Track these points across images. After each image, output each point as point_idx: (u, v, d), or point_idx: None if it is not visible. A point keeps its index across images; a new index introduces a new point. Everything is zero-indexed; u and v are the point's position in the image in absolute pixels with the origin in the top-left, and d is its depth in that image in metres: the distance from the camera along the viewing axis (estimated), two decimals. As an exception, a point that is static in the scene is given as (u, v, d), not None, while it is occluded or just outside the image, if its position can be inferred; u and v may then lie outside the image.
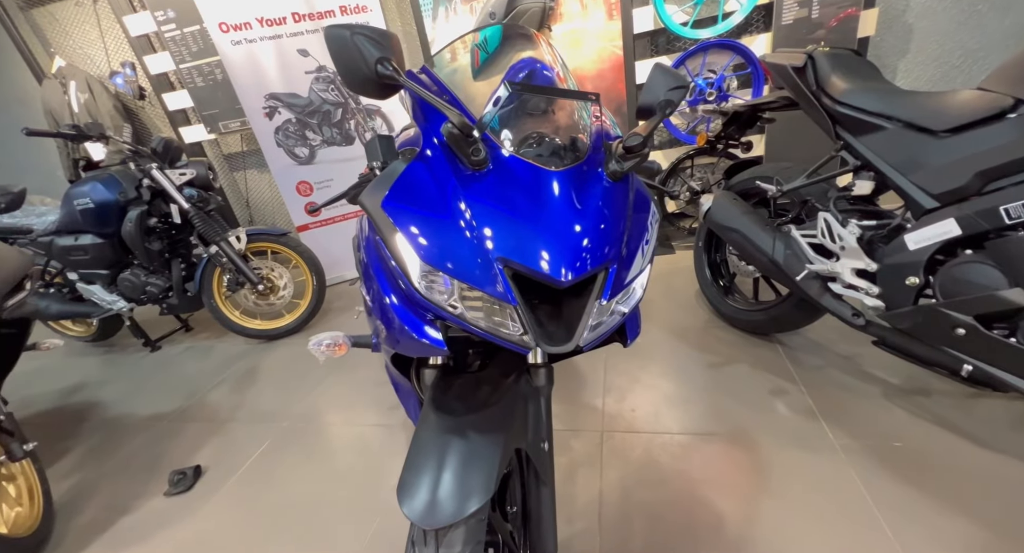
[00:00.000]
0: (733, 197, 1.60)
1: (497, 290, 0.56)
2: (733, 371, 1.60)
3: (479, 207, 0.60)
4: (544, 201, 0.60)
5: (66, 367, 2.64)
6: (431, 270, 0.58)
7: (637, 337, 0.75)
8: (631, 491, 1.21)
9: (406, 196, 0.62)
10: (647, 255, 0.67)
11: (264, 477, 1.49)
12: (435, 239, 0.59)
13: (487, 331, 0.59)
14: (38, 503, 1.43)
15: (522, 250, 0.57)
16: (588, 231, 0.59)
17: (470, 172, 0.63)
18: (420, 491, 0.55)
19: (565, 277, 0.56)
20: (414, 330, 0.65)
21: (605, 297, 0.59)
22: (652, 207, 0.72)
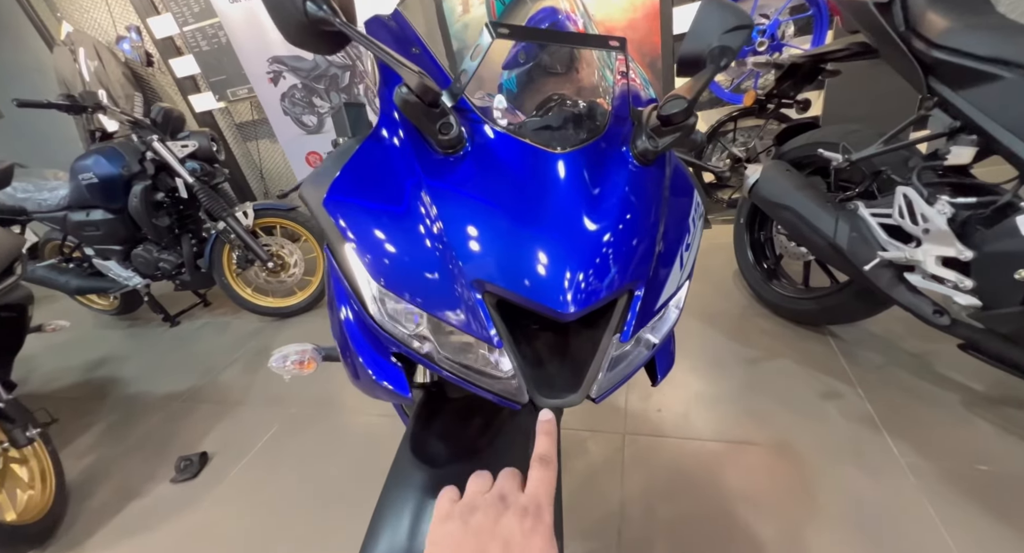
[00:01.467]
0: (786, 168, 1.36)
1: (473, 327, 0.41)
2: (776, 368, 1.42)
3: (449, 208, 0.43)
4: (541, 197, 0.43)
5: (93, 339, 2.69)
6: (388, 294, 0.43)
7: (670, 371, 0.58)
8: (656, 505, 1.08)
9: (355, 189, 0.46)
10: (687, 266, 0.49)
11: (269, 466, 1.44)
12: (391, 252, 0.43)
13: (463, 379, 0.44)
14: (50, 486, 1.43)
15: (507, 271, 0.41)
16: (604, 239, 0.42)
17: (441, 157, 0.46)
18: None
19: (569, 309, 0.40)
20: (372, 367, 0.50)
21: (625, 335, 0.43)
22: (696, 198, 0.53)
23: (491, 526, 0.32)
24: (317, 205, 0.45)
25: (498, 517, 0.32)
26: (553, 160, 0.44)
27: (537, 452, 0.36)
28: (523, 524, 0.31)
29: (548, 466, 0.35)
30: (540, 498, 0.33)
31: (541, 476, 0.35)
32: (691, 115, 0.44)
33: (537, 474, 0.35)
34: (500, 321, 0.41)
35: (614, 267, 0.42)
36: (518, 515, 0.32)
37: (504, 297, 0.41)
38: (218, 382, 1.96)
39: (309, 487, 1.32)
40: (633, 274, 0.43)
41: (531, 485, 0.34)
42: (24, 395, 2.20)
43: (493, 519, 0.32)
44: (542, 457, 0.36)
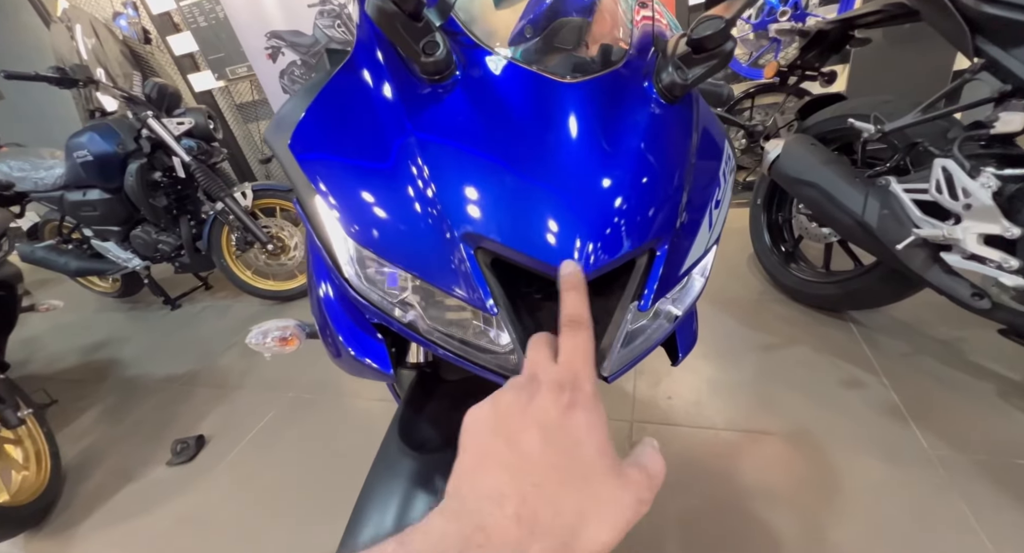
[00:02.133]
0: (810, 141, 1.27)
1: (464, 290, 0.34)
2: (794, 355, 1.35)
3: (434, 147, 0.36)
4: (546, 136, 0.36)
5: (95, 322, 2.67)
6: (365, 251, 0.36)
7: (691, 348, 0.51)
8: (665, 497, 1.02)
9: (325, 130, 0.39)
10: (716, 226, 0.42)
11: (266, 450, 1.40)
12: (367, 202, 0.36)
13: (453, 352, 0.37)
14: (45, 467, 1.40)
15: (505, 223, 0.34)
16: (622, 186, 0.35)
17: (427, 86, 0.38)
18: None
19: (583, 269, 0.33)
20: (352, 343, 0.44)
21: (645, 302, 0.36)
22: (727, 147, 0.46)
23: (521, 410, 0.26)
24: (283, 149, 0.38)
25: (530, 398, 0.26)
26: (561, 91, 0.37)
27: (565, 313, 0.30)
28: (559, 400, 0.26)
29: (580, 328, 0.29)
30: (576, 365, 0.28)
31: (574, 342, 0.29)
32: (728, 39, 0.36)
33: (569, 341, 0.29)
34: (497, 284, 0.34)
35: (634, 221, 0.35)
36: (553, 391, 0.26)
37: (501, 255, 0.34)
38: (217, 365, 1.92)
39: (306, 472, 1.28)
40: (656, 230, 0.36)
41: (564, 354, 0.28)
42: (26, 376, 2.19)
43: (525, 402, 0.26)
44: (572, 318, 0.30)
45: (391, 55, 0.40)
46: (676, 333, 0.48)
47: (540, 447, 0.24)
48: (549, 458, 0.24)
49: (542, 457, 0.24)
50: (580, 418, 0.25)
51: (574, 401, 0.26)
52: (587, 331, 0.29)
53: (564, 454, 0.24)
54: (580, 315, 0.30)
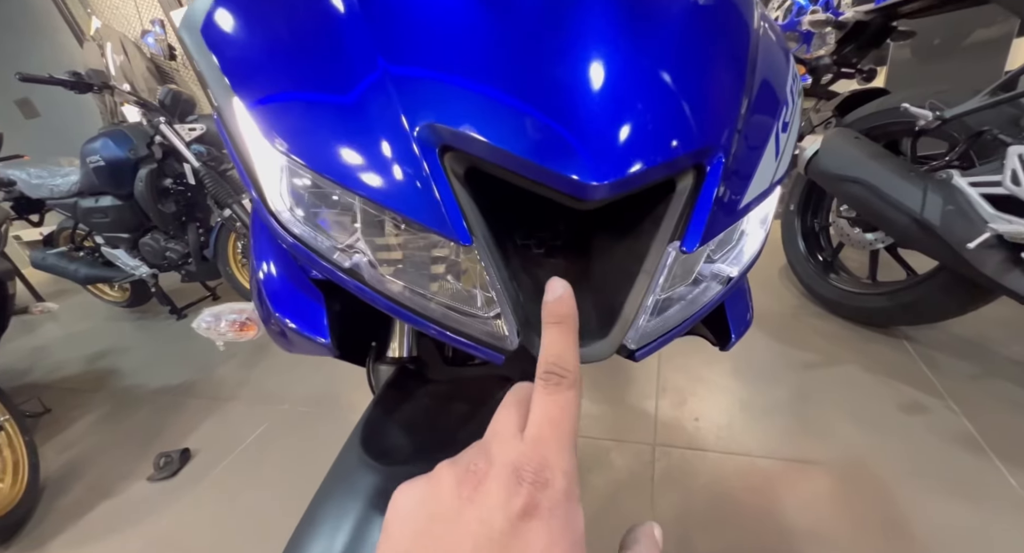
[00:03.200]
0: (854, 135, 1.15)
1: (422, 210, 0.23)
2: (839, 374, 1.19)
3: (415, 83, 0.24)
4: (554, 18, 0.25)
5: (102, 331, 2.64)
6: (296, 163, 0.25)
7: (745, 333, 0.39)
8: (693, 535, 0.87)
9: (255, 18, 0.29)
10: (784, 154, 0.31)
11: (253, 467, 1.29)
12: (299, 101, 0.26)
13: (412, 311, 0.26)
14: (22, 479, 1.32)
15: (482, 110, 0.23)
16: (661, 77, 0.25)
17: None
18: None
19: (596, 178, 0.22)
20: (284, 309, 0.34)
21: (692, 242, 0.24)
22: (792, 61, 0.35)
23: (456, 511, 0.17)
24: (195, 41, 0.29)
25: (474, 491, 0.18)
26: None
27: (544, 359, 0.20)
28: (511, 502, 0.17)
29: (561, 386, 0.19)
30: (547, 447, 0.18)
31: (549, 407, 0.19)
32: None
33: (543, 403, 0.19)
34: (472, 205, 0.23)
35: (678, 118, 0.24)
36: (505, 485, 0.17)
37: (477, 160, 0.23)
38: (213, 376, 1.84)
39: (292, 493, 1.16)
40: (709, 134, 0.25)
41: (533, 425, 0.19)
42: (26, 384, 2.15)
43: (466, 496, 0.18)
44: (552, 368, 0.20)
45: None
46: (726, 307, 0.36)
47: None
48: None
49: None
50: (537, 535, 0.16)
51: (532, 505, 0.17)
52: (572, 391, 0.20)
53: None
54: (565, 364, 0.20)
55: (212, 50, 0.28)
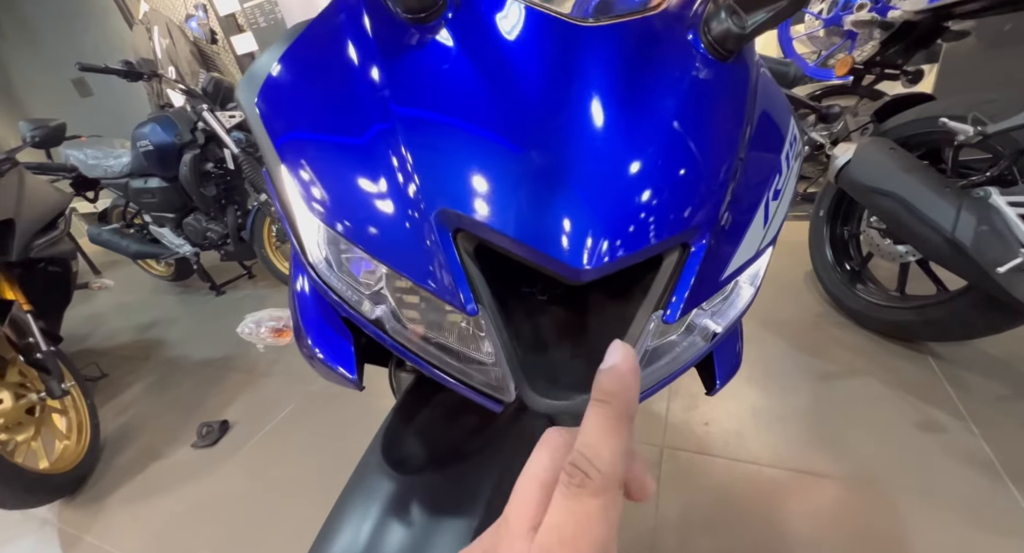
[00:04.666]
0: (889, 145, 1.11)
1: (434, 283, 0.27)
2: (857, 387, 1.18)
3: (411, 104, 0.29)
4: (554, 92, 0.28)
5: (149, 303, 2.84)
6: (335, 237, 0.30)
7: (732, 374, 0.42)
8: (695, 538, 0.91)
9: (296, 88, 0.33)
10: (772, 222, 0.33)
11: (283, 442, 1.40)
12: (338, 178, 0.30)
13: (424, 360, 0.31)
14: (85, 438, 1.46)
15: (490, 200, 0.26)
16: (649, 163, 0.27)
17: (411, 29, 0.31)
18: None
19: (583, 262, 0.25)
20: (319, 342, 0.38)
21: (673, 312, 0.28)
22: (792, 125, 0.37)
23: None
24: (250, 110, 0.33)
25: None
26: (578, 37, 0.29)
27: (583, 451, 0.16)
28: None
29: (595, 487, 0.15)
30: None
31: (571, 507, 0.15)
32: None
33: (562, 501, 0.16)
34: (480, 278, 0.27)
35: (663, 207, 0.27)
36: None
37: (484, 240, 0.27)
38: (249, 352, 1.96)
39: (318, 468, 1.26)
40: (692, 218, 0.28)
41: (546, 524, 0.16)
42: (84, 349, 2.34)
43: None
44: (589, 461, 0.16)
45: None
46: (714, 354, 0.39)
47: None
48: None
49: None
50: None
51: None
52: (598, 499, 0.15)
53: None
54: (599, 460, 0.16)
55: (264, 120, 0.32)
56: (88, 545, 1.17)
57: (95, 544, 1.17)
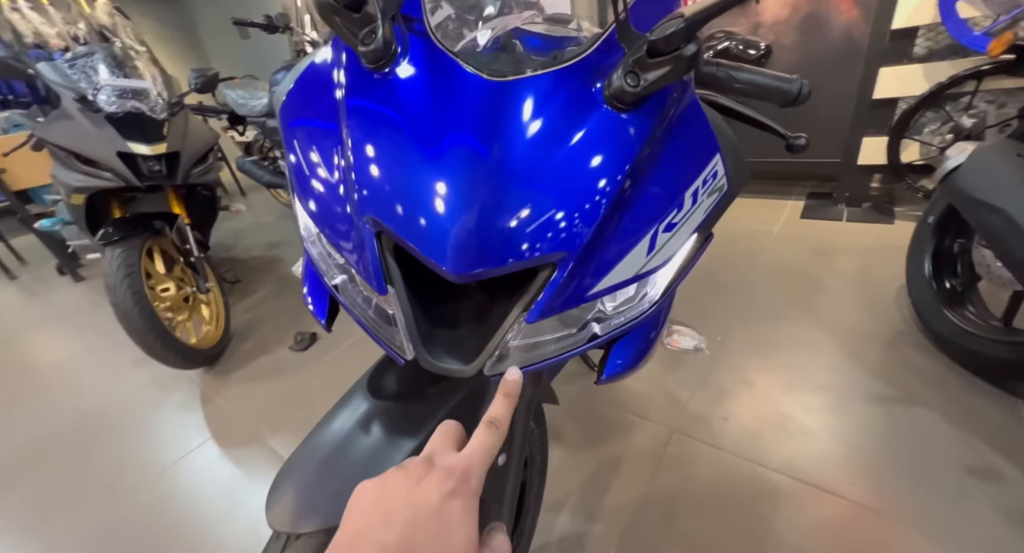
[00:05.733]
0: (1017, 152, 0.92)
1: (362, 266, 0.38)
2: (914, 417, 1.09)
3: (358, 129, 0.39)
4: (459, 133, 0.35)
5: (276, 225, 3.38)
6: (301, 209, 0.42)
7: (623, 373, 0.46)
8: (679, 515, 0.97)
9: (301, 102, 0.44)
10: (661, 250, 0.38)
11: (354, 357, 1.68)
12: (308, 167, 0.41)
13: (362, 320, 0.42)
14: (221, 326, 1.90)
15: (400, 210, 0.35)
16: (524, 193, 0.34)
17: (369, 74, 0.40)
18: (287, 491, 0.45)
19: (455, 269, 0.33)
20: (309, 290, 0.51)
21: (531, 316, 0.35)
22: (716, 165, 0.39)
23: (406, 491, 0.28)
24: (279, 101, 0.45)
25: (419, 479, 0.28)
26: (484, 88, 0.36)
27: (489, 413, 0.32)
28: (443, 486, 0.27)
29: (493, 431, 0.31)
30: (473, 461, 0.29)
31: (482, 439, 0.31)
32: (689, 41, 0.30)
33: (479, 436, 0.31)
34: (394, 264, 0.37)
35: (529, 230, 0.33)
36: (440, 476, 0.28)
37: (395, 240, 0.36)
38: (342, 279, 2.30)
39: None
40: (556, 244, 0.34)
41: (468, 446, 0.31)
42: (227, 258, 2.91)
43: (413, 481, 0.28)
44: (492, 419, 0.32)
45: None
46: (612, 350, 0.44)
47: (413, 529, 0.26)
48: (420, 539, 0.26)
49: (413, 538, 0.26)
50: (457, 507, 0.27)
51: (456, 490, 0.27)
52: (498, 436, 0.31)
53: (435, 538, 0.26)
54: (500, 421, 0.32)
55: (281, 122, 0.44)
56: (216, 404, 1.57)
57: (221, 404, 1.56)
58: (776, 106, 0.46)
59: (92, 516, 1.18)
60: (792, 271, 1.73)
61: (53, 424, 1.57)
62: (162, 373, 1.74)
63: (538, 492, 0.86)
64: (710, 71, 0.45)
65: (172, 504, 1.19)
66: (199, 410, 1.54)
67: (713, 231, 0.43)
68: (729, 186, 0.40)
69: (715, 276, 1.77)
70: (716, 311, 1.57)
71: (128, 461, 1.36)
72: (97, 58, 1.53)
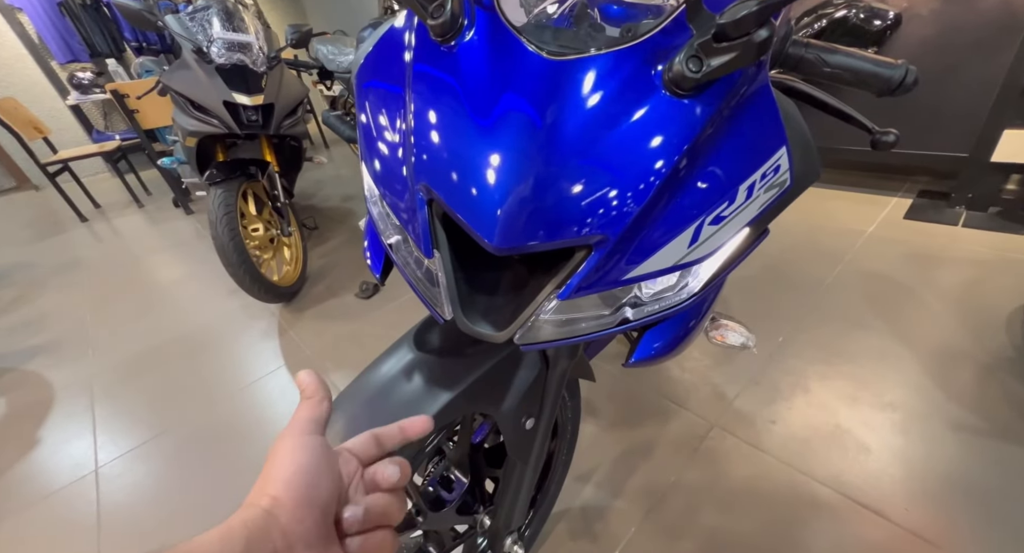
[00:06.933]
0: None
1: (412, 228, 0.40)
2: (1002, 456, 0.97)
3: (420, 96, 0.40)
4: (520, 105, 0.35)
5: (353, 179, 3.58)
6: (365, 169, 0.45)
7: (653, 359, 0.45)
8: (703, 507, 0.97)
9: (377, 65, 0.46)
10: (705, 242, 0.37)
11: (412, 309, 1.79)
12: (375, 131, 0.44)
13: (411, 279, 0.44)
14: (298, 268, 2.09)
15: (451, 179, 0.37)
16: (570, 172, 0.34)
17: (437, 45, 0.41)
18: (333, 425, 0.50)
19: (496, 241, 0.34)
20: (369, 245, 0.54)
21: (563, 293, 0.36)
22: (781, 158, 0.36)
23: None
24: (356, 70, 0.48)
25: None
26: (542, 66, 0.35)
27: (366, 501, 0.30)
28: None
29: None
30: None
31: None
32: (762, 26, 0.27)
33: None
34: (441, 230, 0.38)
35: (570, 211, 0.34)
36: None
37: (442, 207, 0.38)
38: (408, 236, 2.42)
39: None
40: (595, 226, 0.34)
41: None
42: (309, 206, 3.15)
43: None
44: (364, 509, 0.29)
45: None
46: (645, 335, 0.44)
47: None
48: None
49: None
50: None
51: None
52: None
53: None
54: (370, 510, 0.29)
55: (356, 86, 0.46)
56: (290, 337, 1.76)
57: (294, 337, 1.75)
58: (874, 95, 0.41)
59: (193, 413, 1.41)
60: (881, 277, 1.56)
61: (167, 334, 1.85)
62: (250, 303, 1.97)
63: (566, 460, 0.89)
64: (798, 53, 0.40)
65: (249, 415, 1.38)
66: (276, 339, 1.74)
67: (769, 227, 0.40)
68: (792, 182, 0.37)
69: (787, 272, 1.64)
70: (781, 309, 1.47)
71: (221, 373, 1.58)
72: (212, 12, 1.67)
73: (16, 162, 4.48)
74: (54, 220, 3.59)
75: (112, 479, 1.22)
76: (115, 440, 1.35)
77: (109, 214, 3.57)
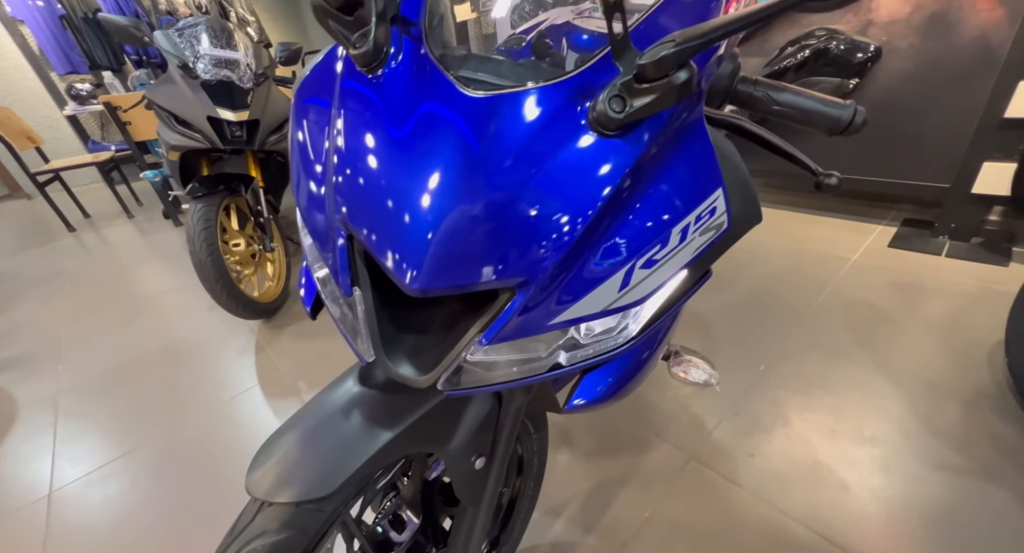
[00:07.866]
0: None
1: (333, 264, 0.38)
2: (988, 496, 0.94)
3: (339, 129, 0.39)
4: (438, 145, 0.34)
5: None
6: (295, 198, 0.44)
7: (591, 405, 0.43)
8: (678, 545, 0.93)
9: (314, 87, 0.45)
10: (637, 287, 0.35)
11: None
12: (303, 160, 0.42)
13: (335, 317, 0.42)
14: (281, 283, 2.07)
15: (369, 218, 0.35)
16: (487, 214, 0.32)
17: (361, 74, 0.40)
18: (268, 460, 0.47)
19: (413, 283, 0.32)
20: (303, 277, 0.53)
21: (485, 339, 0.34)
22: (716, 200, 0.35)
23: None
24: (296, 89, 0.47)
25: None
26: (463, 103, 0.34)
27: None
28: None
29: None
30: None
31: None
32: (681, 68, 0.26)
33: None
34: (362, 267, 0.37)
35: (489, 254, 0.32)
36: None
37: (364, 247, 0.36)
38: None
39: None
40: (516, 270, 0.32)
41: None
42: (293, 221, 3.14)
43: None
44: None
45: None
46: (586, 377, 0.42)
47: None
48: None
49: None
50: None
51: None
52: None
53: None
54: None
55: (294, 106, 0.45)
56: (267, 354, 1.72)
57: (271, 355, 1.71)
58: (824, 133, 0.40)
59: (159, 434, 1.36)
60: (865, 305, 1.55)
61: (141, 348, 1.82)
62: (229, 318, 1.93)
63: (533, 495, 0.86)
64: (747, 90, 0.40)
65: (217, 437, 1.33)
66: (252, 357, 1.70)
67: (712, 268, 0.39)
68: (730, 225, 0.36)
69: (771, 298, 1.62)
70: (763, 338, 1.45)
71: (193, 390, 1.54)
72: (200, 28, 1.68)
73: (9, 171, 4.48)
74: (42, 230, 3.56)
75: (66, 504, 1.17)
76: (74, 462, 1.30)
77: (98, 224, 3.55)
